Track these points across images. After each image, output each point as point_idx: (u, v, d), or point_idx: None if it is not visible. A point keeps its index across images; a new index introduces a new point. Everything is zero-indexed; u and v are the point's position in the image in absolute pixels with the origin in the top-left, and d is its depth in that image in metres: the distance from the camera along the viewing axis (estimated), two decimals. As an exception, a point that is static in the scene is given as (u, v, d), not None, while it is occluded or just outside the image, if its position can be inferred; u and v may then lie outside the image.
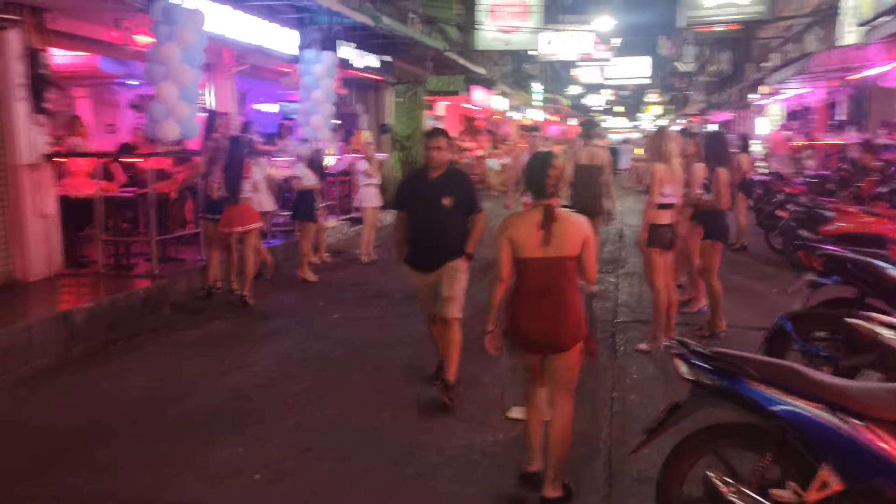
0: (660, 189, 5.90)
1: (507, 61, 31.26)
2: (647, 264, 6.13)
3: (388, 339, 6.70)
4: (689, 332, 6.64)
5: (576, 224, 3.57)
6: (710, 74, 42.36)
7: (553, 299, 3.52)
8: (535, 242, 3.51)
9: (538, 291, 3.53)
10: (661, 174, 5.91)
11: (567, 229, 3.53)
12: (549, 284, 3.53)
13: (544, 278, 3.52)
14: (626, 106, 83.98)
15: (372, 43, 13.91)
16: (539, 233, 3.51)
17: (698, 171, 6.68)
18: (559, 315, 3.52)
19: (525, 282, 3.57)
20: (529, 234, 3.52)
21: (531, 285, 3.55)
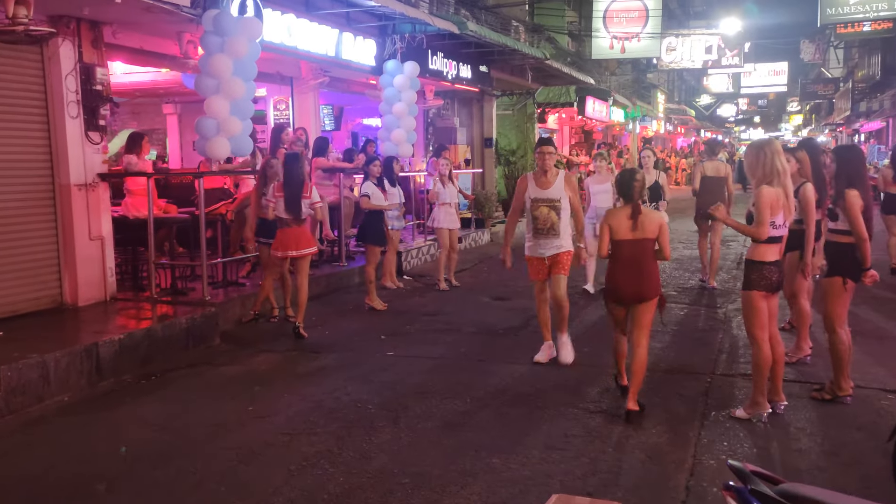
0: (771, 218, 4.68)
1: (627, 70, 29.69)
2: (747, 311, 4.90)
3: (438, 386, 5.83)
4: (805, 392, 5.37)
5: (653, 216, 5.11)
6: (859, 80, 38.77)
7: (638, 267, 5.01)
8: (626, 229, 5.01)
9: (629, 262, 5.02)
10: (771, 199, 4.67)
11: (647, 219, 5.02)
12: (636, 257, 5.02)
13: (632, 253, 5.02)
14: (764, 116, 79.25)
15: (464, 53, 13.15)
16: (629, 222, 5.01)
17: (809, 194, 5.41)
18: (643, 278, 5.00)
19: (619, 256, 5.06)
20: (622, 223, 5.03)
21: (624, 259, 5.04)
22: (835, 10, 21.44)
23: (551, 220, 6.00)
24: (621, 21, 22.73)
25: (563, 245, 6.07)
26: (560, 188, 6.04)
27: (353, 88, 12.75)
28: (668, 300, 8.71)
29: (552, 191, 6.03)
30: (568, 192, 6.04)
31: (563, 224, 6.04)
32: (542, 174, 6.09)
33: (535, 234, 6.08)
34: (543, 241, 6.06)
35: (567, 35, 22.16)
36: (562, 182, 6.06)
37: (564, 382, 5.79)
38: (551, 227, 6.01)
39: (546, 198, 6.03)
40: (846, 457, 4.33)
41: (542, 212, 6.01)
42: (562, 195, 6.02)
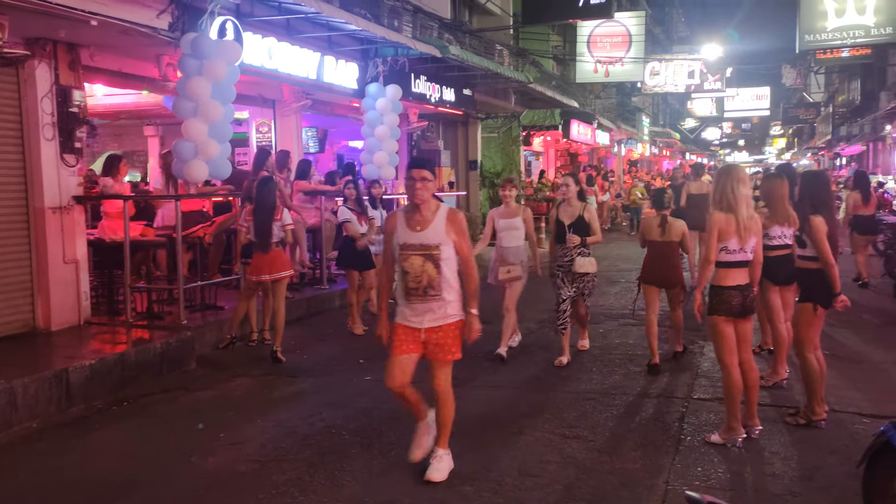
0: (721, 244, 4.72)
1: (612, 94, 29.97)
2: (713, 336, 4.91)
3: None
4: (780, 416, 5.36)
5: (677, 224, 6.80)
6: (839, 105, 39.34)
7: (666, 261, 6.74)
8: (657, 233, 6.76)
9: (658, 258, 6.77)
10: (720, 225, 4.72)
11: (673, 226, 6.76)
12: (663, 254, 6.76)
13: (661, 251, 6.76)
14: (748, 139, 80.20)
15: (448, 76, 13.22)
16: (658, 228, 6.76)
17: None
18: (668, 269, 6.74)
19: (651, 252, 6.83)
20: (653, 228, 6.80)
21: (654, 255, 6.80)
22: (813, 37, 21.76)
23: (428, 276, 4.21)
24: (605, 46, 22.97)
25: (449, 312, 4.31)
26: (440, 230, 4.23)
27: (336, 111, 12.77)
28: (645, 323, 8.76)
29: (429, 233, 4.21)
30: (452, 235, 4.25)
31: (446, 281, 4.26)
32: (413, 210, 4.26)
33: (406, 294, 4.29)
34: (419, 307, 4.29)
35: (552, 59, 22.37)
36: (443, 221, 4.24)
37: (541, 408, 5.75)
38: (428, 285, 4.22)
39: (419, 243, 4.21)
40: (820, 481, 4.31)
41: (414, 263, 4.21)
42: (442, 240, 4.21)
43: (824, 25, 21.52)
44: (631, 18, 23.11)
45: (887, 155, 29.92)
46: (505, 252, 7.25)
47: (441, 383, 4.40)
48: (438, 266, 4.23)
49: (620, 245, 17.71)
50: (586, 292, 7.09)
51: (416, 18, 13.09)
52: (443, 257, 4.23)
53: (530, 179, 22.57)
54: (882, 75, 29.55)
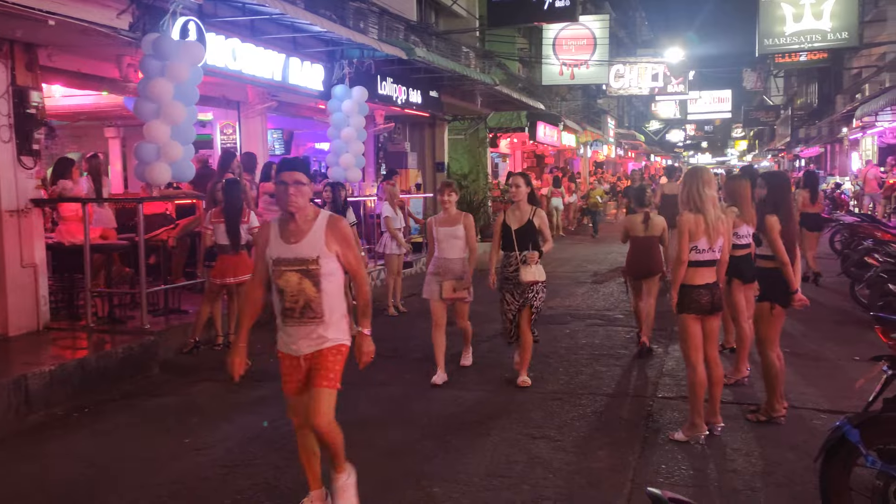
0: (691, 243, 4.80)
1: (578, 96, 30.22)
2: (681, 333, 4.99)
3: (381, 414, 5.78)
4: (742, 413, 5.45)
5: (658, 220, 7.48)
6: (798, 108, 40.18)
7: (648, 254, 7.33)
8: (640, 228, 7.36)
9: (641, 251, 7.37)
10: (689, 225, 4.81)
11: (654, 222, 7.41)
12: (646, 248, 7.35)
13: (644, 245, 7.36)
14: (711, 141, 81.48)
15: (414, 78, 13.22)
16: (642, 224, 7.38)
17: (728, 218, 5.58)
18: (650, 261, 7.32)
19: (635, 246, 7.42)
20: (636, 224, 7.42)
21: (638, 248, 7.40)
22: (772, 41, 22.20)
23: (305, 295, 3.67)
24: (570, 48, 23.17)
25: (331, 336, 3.75)
26: (318, 241, 3.67)
27: (302, 113, 12.69)
28: (615, 323, 8.88)
29: (305, 246, 3.66)
30: (335, 245, 3.69)
31: (327, 300, 3.71)
32: (287, 220, 3.68)
33: (283, 317, 3.75)
34: (297, 331, 3.74)
35: (518, 61, 22.49)
36: (322, 231, 3.68)
37: (508, 409, 5.78)
38: (307, 305, 3.67)
39: (294, 257, 3.65)
40: (779, 476, 4.40)
41: (290, 281, 3.67)
42: (322, 253, 3.66)
43: (783, 30, 21.96)
44: (595, 21, 23.35)
45: (844, 157, 30.63)
46: (445, 265, 6.49)
47: (322, 418, 3.69)
48: (318, 283, 3.66)
49: (586, 246, 17.86)
50: (535, 303, 6.28)
51: (381, 20, 13.07)
52: (323, 272, 3.66)
53: (497, 181, 22.66)
54: (838, 79, 30.26)
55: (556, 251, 17.15)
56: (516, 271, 6.18)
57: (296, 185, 3.60)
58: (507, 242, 6.27)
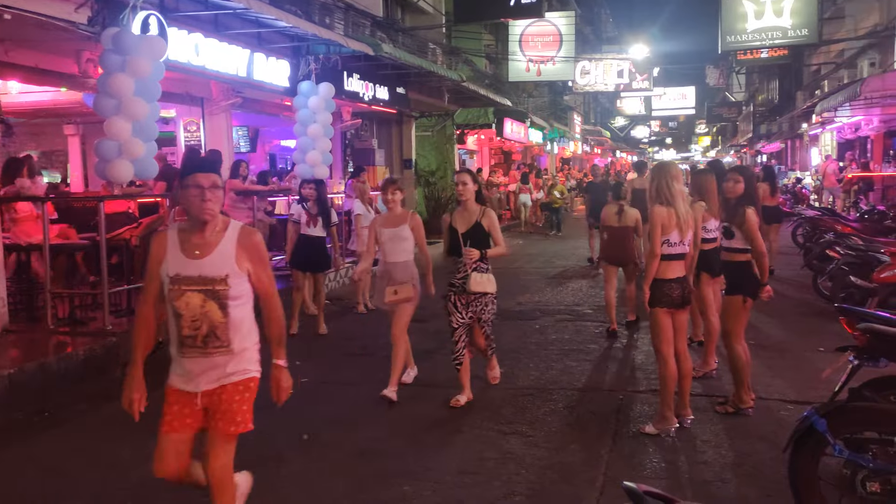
0: (663, 237, 4.83)
1: (544, 93, 30.36)
2: (652, 326, 5.02)
3: (351, 413, 5.72)
4: (711, 406, 5.50)
5: (632, 211, 7.99)
6: (759, 104, 40.83)
7: (622, 243, 7.90)
8: (615, 219, 7.93)
9: (615, 240, 7.96)
10: (662, 219, 4.84)
11: (628, 213, 7.94)
12: (620, 237, 7.94)
13: (618, 235, 7.95)
14: (675, 137, 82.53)
15: (381, 74, 13.14)
16: (616, 216, 7.93)
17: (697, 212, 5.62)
18: (624, 250, 7.90)
19: (610, 236, 7.98)
20: (611, 215, 7.96)
21: (612, 238, 7.97)
22: (734, 38, 22.52)
23: (209, 320, 3.06)
24: (537, 45, 23.26)
25: (239, 368, 3.19)
26: (228, 256, 3.09)
27: (267, 109, 12.55)
28: (584, 318, 8.91)
29: (212, 261, 3.07)
30: (246, 263, 3.12)
31: (237, 325, 3.13)
32: (192, 230, 3.11)
33: (180, 346, 3.18)
34: (197, 363, 3.17)
35: (484, 58, 22.51)
36: (232, 245, 3.11)
37: (480, 405, 5.76)
38: (210, 333, 3.07)
39: (198, 275, 3.05)
40: (748, 467, 4.44)
41: (191, 303, 3.05)
42: (231, 271, 3.08)
43: (744, 27, 22.29)
44: (561, 18, 23.47)
45: (804, 152, 31.21)
46: (391, 269, 5.96)
47: (219, 466, 3.21)
48: (225, 306, 3.07)
49: (553, 242, 17.93)
50: (484, 317, 5.65)
51: (347, 16, 12.97)
52: (232, 294, 3.07)
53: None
54: (798, 75, 30.81)
55: (525, 247, 17.20)
56: (464, 279, 5.49)
57: (213, 188, 3.04)
58: (454, 247, 5.59)
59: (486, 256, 5.53)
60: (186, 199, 3.06)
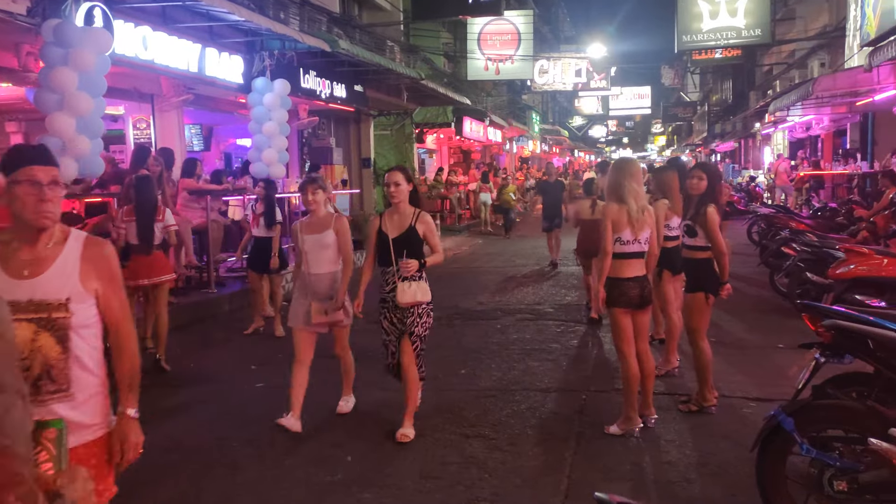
0: (615, 235, 4.77)
1: (503, 92, 30.39)
2: (612, 327, 4.95)
3: (307, 418, 5.50)
4: (674, 404, 5.46)
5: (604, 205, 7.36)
6: (714, 104, 41.51)
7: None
8: (588, 213, 8.33)
9: (590, 232, 8.01)
10: (613, 216, 4.77)
11: (601, 207, 6.97)
12: (594, 229, 7.39)
13: (592, 227, 7.81)
14: (632, 137, 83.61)
15: (338, 72, 12.92)
16: (590, 209, 8.31)
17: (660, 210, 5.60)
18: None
19: (584, 228, 8.48)
20: (585, 209, 8.44)
21: (587, 230, 8.33)
22: (690, 38, 22.80)
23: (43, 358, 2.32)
24: (495, 43, 23.24)
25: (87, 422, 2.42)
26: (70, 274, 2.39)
27: (222, 107, 12.24)
28: (545, 317, 8.84)
29: (47, 281, 2.36)
30: (94, 281, 2.42)
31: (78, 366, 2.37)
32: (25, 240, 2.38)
33: None
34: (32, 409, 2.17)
35: (443, 56, 22.41)
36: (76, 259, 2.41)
37: (441, 407, 5.64)
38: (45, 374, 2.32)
39: (28, 300, 2.33)
40: (713, 467, 4.39)
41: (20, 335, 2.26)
42: (74, 292, 2.38)
43: (700, 27, 22.58)
44: (519, 17, 23.49)
45: (757, 151, 31.81)
46: (314, 281, 5.18)
47: None
48: (65, 339, 2.35)
49: (514, 241, 17.89)
50: (416, 330, 4.92)
51: (303, 11, 12.72)
52: (74, 323, 2.35)
53: (424, 177, 22.55)
54: (751, 76, 31.38)
55: (485, 246, 17.13)
56: (393, 291, 4.85)
57: (53, 186, 2.32)
58: (383, 255, 4.88)
59: (423, 266, 4.87)
60: (15, 199, 2.29)
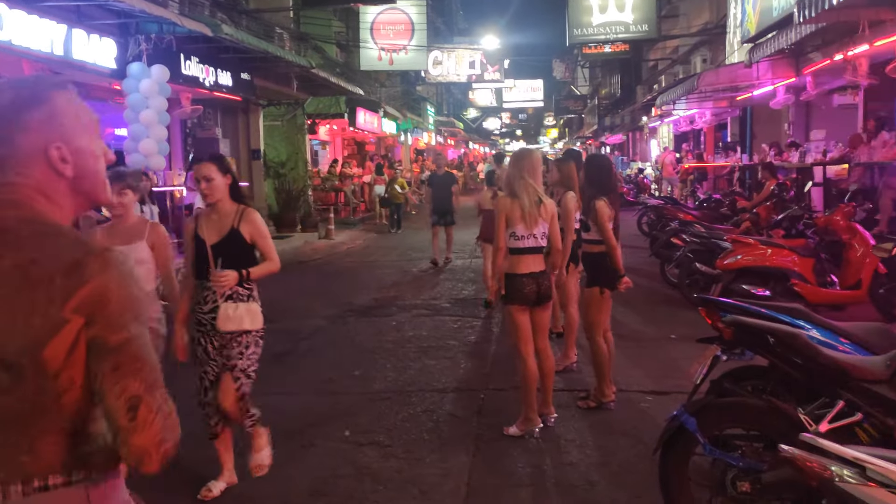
0: (509, 229, 4.60)
1: (397, 83, 30.05)
2: (509, 325, 4.79)
3: (186, 427, 5.08)
4: (573, 401, 5.37)
5: None
6: (603, 97, 42.70)
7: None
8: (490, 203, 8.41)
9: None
10: (505, 210, 4.61)
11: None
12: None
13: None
14: (525, 129, 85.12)
15: (223, 58, 12.25)
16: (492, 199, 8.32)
17: (570, 203, 5.49)
18: None
19: (486, 218, 8.62)
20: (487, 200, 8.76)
21: (489, 219, 8.20)
22: (580, 31, 23.21)
23: None
24: (388, 33, 22.87)
25: None
26: None
27: (95, 94, 11.31)
28: (442, 312, 8.66)
29: None
30: None
31: None
32: None
33: None
34: None
35: (335, 45, 21.83)
36: None
37: (333, 414, 5.33)
38: None
39: None
40: (615, 466, 4.30)
41: None
42: None
43: (590, 20, 23.01)
44: (413, 6, 23.21)
45: (644, 144, 32.94)
46: None
47: None
48: None
49: (410, 235, 17.62)
50: (239, 364, 3.85)
51: (183, -7, 11.97)
52: None
53: (317, 169, 21.97)
54: (638, 70, 32.39)
55: (381, 239, 16.81)
56: (213, 312, 3.85)
57: None
58: (200, 265, 3.87)
59: (248, 278, 3.84)
60: None
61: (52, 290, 1.32)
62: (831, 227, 7.84)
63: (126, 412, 1.35)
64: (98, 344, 1.35)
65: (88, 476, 1.40)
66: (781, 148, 14.82)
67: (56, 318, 1.32)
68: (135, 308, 1.40)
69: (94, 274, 1.36)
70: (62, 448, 1.37)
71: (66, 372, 1.34)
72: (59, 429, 1.37)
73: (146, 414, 1.36)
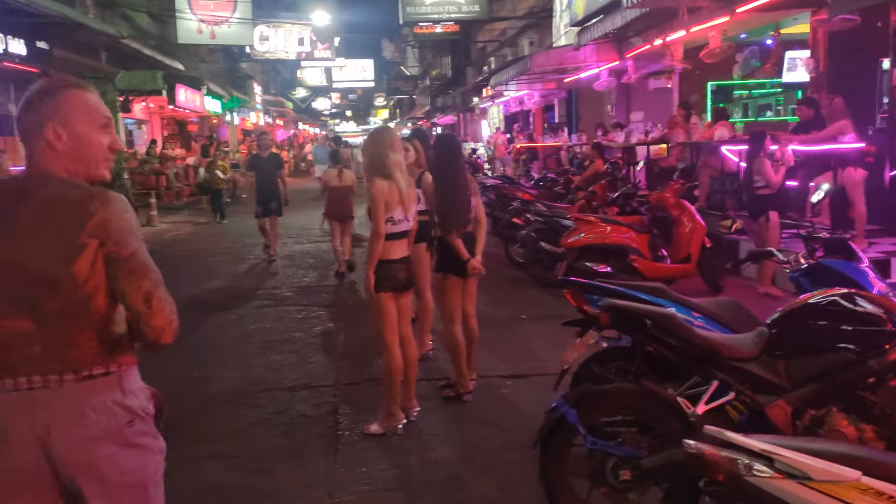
0: (387, 213, 4.24)
1: (220, 59, 28.38)
2: (375, 314, 4.41)
3: None
4: (433, 391, 5.13)
5: (349, 174, 9.44)
6: (434, 78, 43.02)
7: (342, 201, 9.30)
8: (336, 181, 9.25)
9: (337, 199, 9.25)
10: (385, 194, 4.25)
11: (346, 175, 9.34)
12: (341, 196, 9.24)
13: (339, 195, 9.24)
14: (355, 110, 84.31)
15: (14, 23, 10.76)
16: (337, 178, 9.24)
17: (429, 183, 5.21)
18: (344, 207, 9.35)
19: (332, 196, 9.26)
20: (333, 178, 9.30)
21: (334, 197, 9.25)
22: (414, 10, 23.02)
23: None
24: (209, 4, 21.45)
25: None
26: None
27: None
28: (285, 302, 8.11)
29: None
30: None
31: None
32: None
33: None
34: None
35: (147, 14, 20.09)
36: None
37: (168, 423, 4.69)
38: None
39: None
40: (481, 460, 4.10)
41: None
42: None
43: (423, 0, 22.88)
44: (235, -24, 21.92)
45: (476, 125, 33.54)
46: None
47: None
48: None
49: (238, 220, 16.39)
50: None
51: (-38, -54, 10.34)
52: None
53: (133, 150, 20.24)
54: (468, 52, 32.82)
55: (210, 226, 15.66)
56: None
57: None
58: None
59: None
60: None
61: (71, 221, 1.79)
62: (662, 203, 8.15)
63: (144, 303, 1.85)
64: (113, 258, 1.82)
65: (119, 368, 1.93)
66: (607, 128, 15.48)
67: (77, 242, 1.78)
68: (133, 230, 1.87)
69: (98, 209, 1.81)
70: (97, 343, 1.87)
71: (91, 281, 1.81)
72: (92, 327, 1.86)
73: (158, 303, 1.86)
